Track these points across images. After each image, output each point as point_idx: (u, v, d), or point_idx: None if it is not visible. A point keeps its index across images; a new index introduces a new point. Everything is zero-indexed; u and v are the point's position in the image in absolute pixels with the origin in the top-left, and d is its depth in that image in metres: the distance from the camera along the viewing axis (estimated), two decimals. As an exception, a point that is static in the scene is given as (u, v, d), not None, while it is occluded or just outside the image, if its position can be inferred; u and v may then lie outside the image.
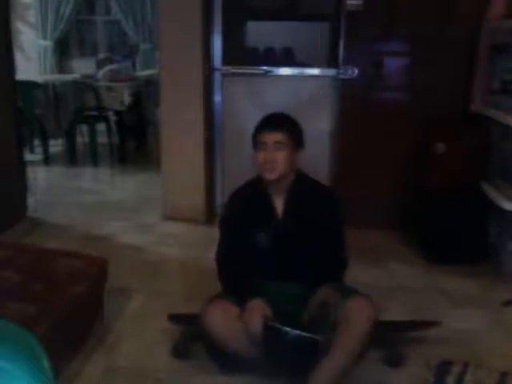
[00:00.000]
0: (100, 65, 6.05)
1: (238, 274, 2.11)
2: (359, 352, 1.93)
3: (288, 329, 1.80)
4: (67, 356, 2.16)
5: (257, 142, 2.14)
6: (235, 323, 1.96)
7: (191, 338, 2.28)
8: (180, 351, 2.25)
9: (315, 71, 3.70)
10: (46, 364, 1.07)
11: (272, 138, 2.09)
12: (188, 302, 2.62)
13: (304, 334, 1.79)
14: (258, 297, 1.95)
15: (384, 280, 2.97)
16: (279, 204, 2.18)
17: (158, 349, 2.30)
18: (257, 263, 2.14)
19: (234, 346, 1.98)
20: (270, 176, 2.11)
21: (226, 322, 1.97)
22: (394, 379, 2.13)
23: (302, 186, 2.19)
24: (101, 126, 5.62)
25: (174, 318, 2.39)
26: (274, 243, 2.14)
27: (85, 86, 5.69)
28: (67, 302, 2.14)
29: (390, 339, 2.30)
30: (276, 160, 2.08)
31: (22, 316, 1.89)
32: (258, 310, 1.91)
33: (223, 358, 2.08)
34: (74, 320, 2.18)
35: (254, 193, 2.21)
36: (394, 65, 3.54)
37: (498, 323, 2.57)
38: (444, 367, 1.93)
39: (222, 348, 2.02)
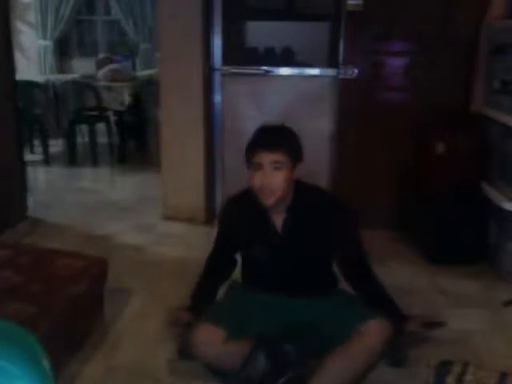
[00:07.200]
0: (100, 65, 6.05)
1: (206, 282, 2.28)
2: (367, 367, 1.92)
3: None
4: (67, 356, 2.16)
5: (251, 161, 1.91)
6: (220, 349, 1.92)
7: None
8: (186, 353, 2.17)
9: (315, 71, 3.70)
10: (46, 364, 1.07)
11: (269, 158, 1.87)
12: (188, 301, 2.61)
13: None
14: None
15: (384, 280, 2.96)
16: (278, 219, 2.03)
17: (158, 349, 2.30)
18: (257, 275, 2.13)
19: (223, 368, 1.96)
20: (268, 201, 1.93)
21: (211, 349, 1.93)
22: (394, 379, 2.12)
23: (302, 200, 2.02)
24: (101, 126, 5.62)
25: None
26: (273, 257, 2.06)
27: (85, 85, 5.68)
28: (67, 301, 2.14)
29: (395, 340, 2.29)
30: (274, 183, 1.89)
31: (21, 316, 1.89)
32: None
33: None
34: (74, 320, 2.18)
35: (250, 205, 2.02)
36: (393, 65, 3.53)
37: (498, 323, 2.57)
38: (444, 367, 1.92)
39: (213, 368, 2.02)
